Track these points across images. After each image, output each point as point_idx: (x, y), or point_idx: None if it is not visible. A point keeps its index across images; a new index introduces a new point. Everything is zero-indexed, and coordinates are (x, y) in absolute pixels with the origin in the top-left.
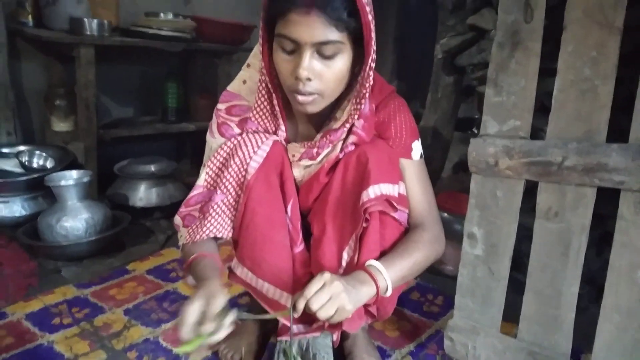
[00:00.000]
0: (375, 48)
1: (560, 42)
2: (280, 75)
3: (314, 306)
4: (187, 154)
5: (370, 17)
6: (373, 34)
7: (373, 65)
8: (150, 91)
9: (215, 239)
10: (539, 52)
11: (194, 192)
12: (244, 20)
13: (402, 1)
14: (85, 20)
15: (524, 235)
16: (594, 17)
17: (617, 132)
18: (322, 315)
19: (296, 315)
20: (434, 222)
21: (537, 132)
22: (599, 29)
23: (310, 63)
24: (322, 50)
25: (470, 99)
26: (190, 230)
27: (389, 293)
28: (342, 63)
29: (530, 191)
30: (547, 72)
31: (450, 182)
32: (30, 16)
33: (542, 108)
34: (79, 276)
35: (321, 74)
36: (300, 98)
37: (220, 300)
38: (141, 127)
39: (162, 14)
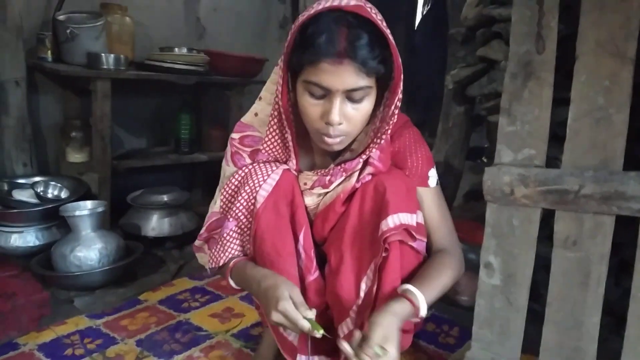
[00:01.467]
0: (402, 88)
1: (573, 72)
2: (307, 118)
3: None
4: (199, 184)
5: (400, 60)
6: (402, 76)
7: (399, 104)
8: (163, 122)
9: None
10: (552, 82)
11: (212, 218)
12: (256, 54)
13: (411, 34)
14: (103, 55)
15: (541, 265)
16: (606, 48)
17: (634, 161)
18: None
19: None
20: (455, 247)
21: (551, 161)
22: (611, 59)
23: (341, 108)
24: (351, 95)
25: (480, 128)
26: (212, 255)
27: (421, 316)
28: (369, 104)
29: (546, 219)
30: (560, 101)
31: (462, 211)
32: (49, 52)
33: (556, 137)
34: (91, 306)
35: (350, 117)
36: (329, 140)
37: (298, 288)
38: (154, 158)
39: (176, 49)
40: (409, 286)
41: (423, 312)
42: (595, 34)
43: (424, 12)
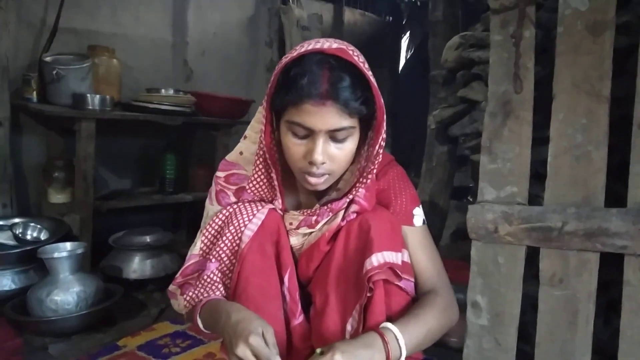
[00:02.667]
0: (385, 129)
1: (551, 112)
2: (290, 158)
3: None
4: (184, 225)
5: (382, 101)
6: (384, 116)
7: (383, 144)
8: (148, 163)
9: None
10: (531, 120)
11: (190, 261)
12: (242, 96)
13: (395, 78)
14: (88, 95)
15: (528, 305)
16: (582, 87)
17: (614, 199)
18: None
19: None
20: (445, 288)
21: (534, 199)
22: (587, 97)
23: (324, 148)
24: (335, 135)
25: (464, 168)
26: (188, 297)
27: (403, 356)
28: (352, 144)
29: (531, 258)
30: (539, 140)
31: (449, 250)
32: (35, 92)
33: (537, 175)
34: (66, 353)
35: (333, 156)
36: (312, 180)
37: (272, 329)
38: (138, 198)
39: (163, 90)
40: (387, 323)
41: (395, 352)
42: (570, 74)
43: (408, 57)
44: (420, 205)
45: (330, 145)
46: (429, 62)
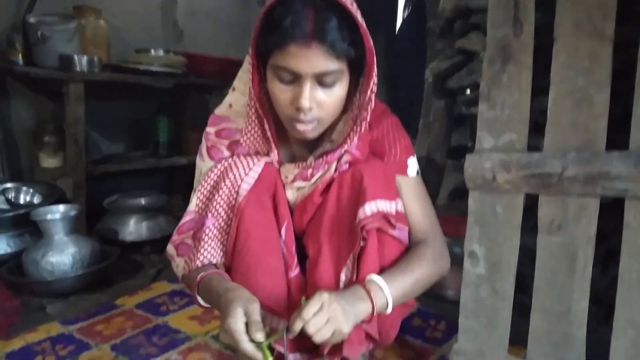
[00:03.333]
0: (376, 72)
1: (550, 61)
2: (277, 105)
3: (311, 329)
4: (179, 189)
5: (371, 42)
6: (375, 59)
7: (375, 88)
8: (141, 127)
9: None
10: (531, 65)
11: (186, 218)
12: (234, 55)
13: (392, 39)
14: (75, 56)
15: (526, 257)
16: (584, 28)
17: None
18: (318, 338)
19: (291, 337)
20: (437, 239)
21: (532, 150)
22: (590, 38)
23: (311, 93)
24: (322, 79)
25: (462, 127)
26: (187, 259)
27: (389, 310)
28: (341, 90)
29: (529, 209)
30: (538, 91)
31: (446, 209)
32: (20, 55)
33: (536, 127)
34: (64, 313)
35: (321, 102)
36: (300, 127)
37: (257, 304)
38: (131, 162)
39: (152, 51)
40: (373, 276)
41: (381, 301)
42: (572, 15)
43: (404, 17)
44: (415, 155)
45: (318, 91)
46: (426, 14)
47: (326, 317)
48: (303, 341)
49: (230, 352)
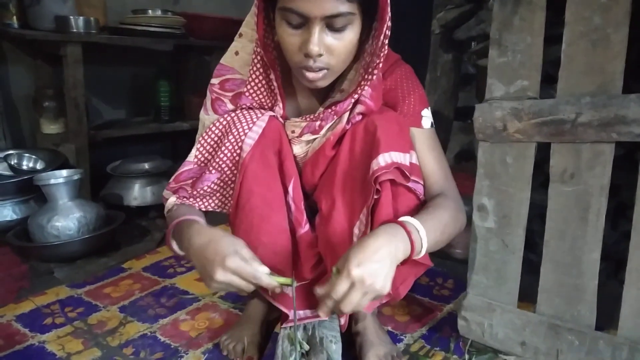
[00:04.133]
0: (390, 15)
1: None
2: (286, 51)
3: (347, 309)
4: (183, 154)
5: None
6: (388, 1)
7: (388, 33)
8: (142, 92)
9: (205, 214)
10: (544, 5)
11: (183, 168)
12: (234, 16)
13: None
14: (71, 18)
15: (535, 214)
16: None
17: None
18: (355, 310)
19: (324, 317)
20: (454, 191)
21: None
22: None
23: (320, 38)
24: (332, 23)
25: (469, 87)
26: (182, 198)
27: (421, 255)
28: (352, 34)
29: (538, 165)
30: (549, 39)
31: (453, 171)
32: (14, 17)
33: (547, 78)
34: (72, 276)
35: (332, 48)
36: (310, 75)
37: (242, 242)
38: (134, 127)
39: (150, 11)
40: (407, 217)
41: (418, 244)
42: None
43: None
44: (429, 108)
45: (327, 35)
46: None
47: (360, 293)
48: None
49: (238, 312)
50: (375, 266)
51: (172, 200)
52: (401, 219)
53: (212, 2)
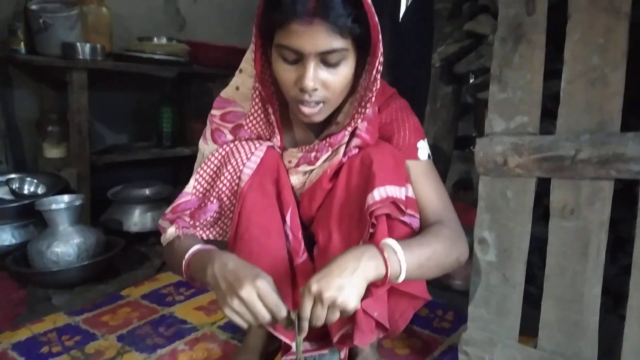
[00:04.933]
0: (382, 50)
1: (563, 41)
2: (283, 86)
3: (317, 324)
4: (184, 179)
5: (376, 19)
6: (380, 36)
7: (380, 68)
8: (144, 117)
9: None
10: (544, 44)
11: (181, 199)
12: (237, 44)
13: (394, 25)
14: (78, 44)
15: (535, 246)
16: (600, 4)
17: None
18: (329, 322)
19: (302, 336)
20: (453, 220)
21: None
22: (606, 15)
23: (315, 73)
24: (326, 59)
25: (467, 117)
26: (183, 229)
27: (401, 279)
28: (347, 69)
29: (537, 197)
30: (548, 74)
31: (451, 200)
32: (22, 43)
33: (546, 112)
34: (70, 303)
35: (327, 83)
36: (306, 110)
37: (270, 278)
38: (136, 153)
39: (155, 39)
40: (386, 239)
41: (395, 265)
42: None
43: (408, 4)
44: (425, 139)
45: (322, 70)
46: (432, 8)
47: (325, 307)
48: (312, 330)
49: (237, 343)
50: (336, 280)
51: (171, 230)
52: (383, 241)
53: (217, 30)
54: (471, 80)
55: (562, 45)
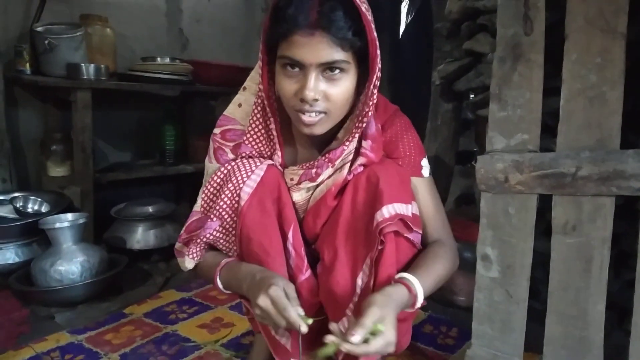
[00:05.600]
0: (380, 66)
1: (561, 60)
2: (284, 97)
3: (361, 355)
4: (186, 197)
5: (375, 34)
6: (378, 51)
7: (377, 83)
8: (147, 135)
9: None
10: (542, 63)
11: (192, 218)
12: (240, 63)
13: (394, 42)
14: (82, 65)
15: (538, 261)
16: (596, 24)
17: (627, 147)
18: (361, 354)
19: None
20: (449, 239)
21: (544, 152)
22: (602, 35)
23: (316, 84)
24: (327, 70)
25: (468, 132)
26: (198, 251)
27: (417, 306)
28: (348, 82)
29: (539, 213)
30: (549, 91)
31: (453, 215)
32: (27, 64)
33: (546, 128)
34: (73, 322)
35: (327, 94)
36: (306, 119)
37: (293, 286)
38: (139, 170)
39: (159, 59)
40: (404, 274)
41: (420, 298)
42: (584, 10)
43: (408, 21)
44: (426, 157)
45: (323, 82)
46: (431, 17)
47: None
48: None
49: None
50: (393, 323)
51: (188, 262)
52: (402, 275)
53: (219, 49)
54: (471, 97)
55: (560, 62)
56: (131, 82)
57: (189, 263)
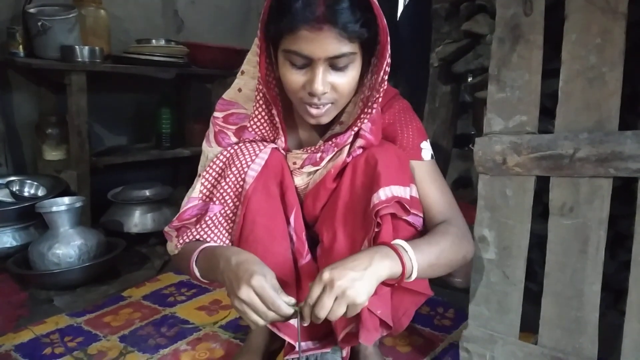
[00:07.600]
0: (390, 52)
1: (561, 41)
2: (289, 90)
3: (320, 313)
4: (183, 180)
5: (385, 21)
6: (388, 38)
7: (388, 69)
8: (143, 118)
9: None
10: (542, 44)
11: (188, 205)
12: (236, 45)
13: (391, 17)
14: (77, 47)
15: (534, 243)
16: (596, 4)
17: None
18: (332, 317)
19: (305, 324)
20: (458, 219)
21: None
22: (602, 15)
23: (324, 77)
24: (335, 63)
25: (466, 115)
26: (185, 237)
27: (413, 277)
28: (354, 72)
29: (538, 195)
30: (547, 73)
31: None
32: (21, 47)
33: (544, 110)
34: (72, 305)
35: (335, 85)
36: (314, 111)
37: (271, 271)
38: (135, 154)
39: (154, 41)
40: (397, 240)
41: (410, 265)
42: None
43: (406, 2)
44: (428, 140)
45: (331, 74)
46: (429, 9)
47: (333, 296)
48: (314, 329)
49: (239, 342)
50: (349, 273)
51: (172, 245)
52: (394, 242)
53: (215, 31)
54: (469, 80)
55: (559, 44)
56: (126, 65)
57: (173, 247)
